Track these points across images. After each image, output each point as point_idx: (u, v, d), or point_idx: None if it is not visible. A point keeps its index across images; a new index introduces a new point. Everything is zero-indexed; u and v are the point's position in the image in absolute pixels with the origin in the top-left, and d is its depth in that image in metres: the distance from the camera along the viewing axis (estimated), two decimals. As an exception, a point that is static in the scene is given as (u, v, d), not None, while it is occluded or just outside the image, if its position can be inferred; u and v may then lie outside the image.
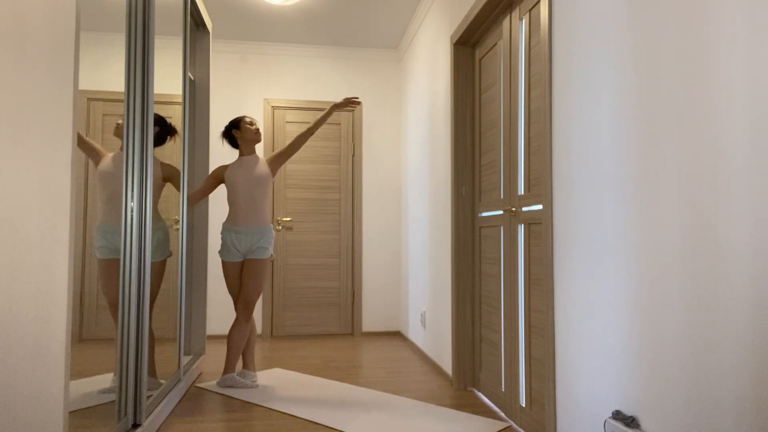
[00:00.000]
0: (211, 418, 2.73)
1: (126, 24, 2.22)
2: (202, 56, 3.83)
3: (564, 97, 2.08)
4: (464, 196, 3.29)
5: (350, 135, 5.16)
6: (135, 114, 2.24)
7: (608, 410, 1.77)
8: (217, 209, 4.84)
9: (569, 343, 2.02)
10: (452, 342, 3.30)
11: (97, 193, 1.96)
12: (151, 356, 2.55)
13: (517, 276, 2.62)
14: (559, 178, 2.11)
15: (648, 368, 1.57)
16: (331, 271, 5.08)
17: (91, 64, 1.88)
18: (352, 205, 5.13)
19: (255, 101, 5.01)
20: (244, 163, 3.30)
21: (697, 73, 1.39)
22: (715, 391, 1.32)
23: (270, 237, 3.29)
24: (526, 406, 2.52)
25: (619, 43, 1.73)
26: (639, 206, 1.61)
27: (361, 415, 2.74)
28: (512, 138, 2.70)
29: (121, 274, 2.17)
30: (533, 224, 2.47)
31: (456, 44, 3.32)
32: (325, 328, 5.04)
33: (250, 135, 3.31)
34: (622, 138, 1.70)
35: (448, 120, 3.47)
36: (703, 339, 1.36)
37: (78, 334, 1.81)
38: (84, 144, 1.82)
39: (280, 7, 4.22)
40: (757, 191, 1.21)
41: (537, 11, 2.45)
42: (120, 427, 2.14)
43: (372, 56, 5.17)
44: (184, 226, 3.13)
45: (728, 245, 1.29)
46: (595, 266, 1.85)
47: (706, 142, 1.35)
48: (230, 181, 3.27)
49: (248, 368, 3.38)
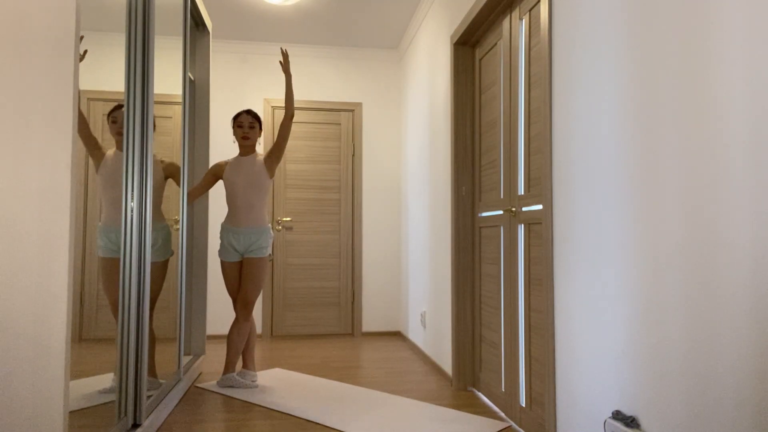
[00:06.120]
0: (211, 418, 2.73)
1: (126, 24, 2.22)
2: (202, 56, 3.82)
3: (564, 97, 2.08)
4: (464, 196, 3.29)
5: (350, 135, 5.16)
6: (135, 114, 2.24)
7: (608, 410, 1.77)
8: (217, 209, 4.84)
9: (569, 343, 2.02)
10: (452, 342, 3.30)
11: (100, 193, 1.96)
12: (152, 356, 2.55)
13: (517, 276, 2.62)
14: (559, 178, 2.11)
15: (648, 368, 1.57)
16: (331, 271, 5.08)
17: (91, 64, 1.88)
18: (352, 205, 5.13)
19: (255, 101, 5.00)
20: (242, 164, 3.29)
21: (697, 73, 1.39)
22: (715, 390, 1.32)
23: (268, 237, 3.29)
24: (526, 406, 2.52)
25: (619, 43, 1.73)
26: (639, 206, 1.61)
27: (361, 415, 2.74)
28: (512, 138, 2.70)
29: (121, 274, 2.17)
30: (533, 224, 2.47)
31: (456, 44, 3.32)
32: (325, 328, 5.04)
33: (237, 137, 3.31)
34: (622, 138, 1.70)
35: (448, 120, 3.47)
36: (703, 339, 1.36)
37: (78, 334, 1.81)
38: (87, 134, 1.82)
39: (280, 7, 4.22)
40: (757, 191, 1.21)
41: (537, 11, 2.45)
42: (120, 427, 2.14)
43: (372, 56, 5.17)
44: (184, 226, 3.13)
45: (728, 245, 1.29)
46: (595, 266, 1.85)
47: (706, 142, 1.35)
48: (228, 183, 3.27)
49: (248, 368, 3.38)
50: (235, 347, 3.26)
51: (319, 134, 5.11)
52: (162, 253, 2.69)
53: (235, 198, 3.26)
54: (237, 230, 3.25)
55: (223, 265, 3.30)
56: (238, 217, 3.26)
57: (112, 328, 2.10)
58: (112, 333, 2.11)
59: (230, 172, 3.28)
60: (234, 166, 3.30)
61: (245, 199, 3.25)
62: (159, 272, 2.65)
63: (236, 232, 3.25)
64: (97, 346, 1.99)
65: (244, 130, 3.29)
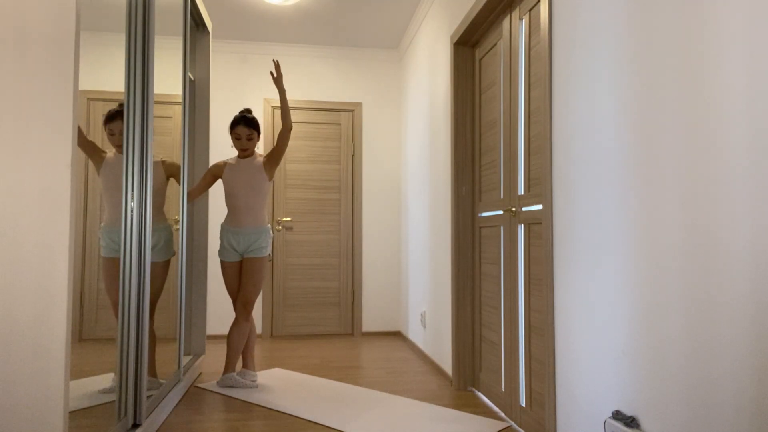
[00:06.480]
0: (211, 418, 2.73)
1: (126, 24, 2.22)
2: (202, 56, 3.82)
3: (564, 97, 2.08)
4: (464, 196, 3.29)
5: (350, 135, 5.16)
6: (135, 114, 2.24)
7: (608, 410, 1.77)
8: (217, 209, 4.84)
9: (569, 343, 2.02)
10: (452, 342, 3.30)
11: (102, 194, 1.97)
12: (152, 356, 2.55)
13: (517, 276, 2.62)
14: (559, 178, 2.11)
15: (648, 368, 1.57)
16: (331, 271, 5.08)
17: (91, 64, 1.88)
18: (352, 205, 5.13)
19: (255, 101, 5.00)
20: (241, 166, 3.29)
21: (697, 74, 1.39)
22: (715, 390, 1.33)
23: (267, 237, 3.29)
24: (526, 406, 2.52)
25: (619, 43, 1.73)
26: (639, 206, 1.61)
27: (361, 415, 2.74)
28: (512, 138, 2.70)
29: (121, 274, 2.17)
30: (533, 224, 2.47)
31: (456, 44, 3.32)
32: (325, 328, 5.04)
33: (236, 148, 3.32)
34: (622, 138, 1.70)
35: (448, 120, 3.47)
36: (703, 339, 1.36)
37: (78, 334, 1.81)
38: (84, 142, 1.82)
39: (280, 7, 4.22)
40: (757, 191, 1.21)
41: (537, 11, 2.45)
42: (120, 427, 2.14)
43: (372, 56, 5.17)
44: (184, 226, 3.13)
45: (728, 245, 1.29)
46: (595, 266, 1.85)
47: (706, 142, 1.35)
48: (227, 184, 3.27)
49: (248, 368, 3.38)
50: (235, 347, 3.26)
51: (319, 134, 5.11)
52: (164, 253, 2.69)
53: (235, 199, 3.27)
54: (236, 230, 3.25)
55: (223, 265, 3.30)
56: (237, 217, 3.26)
57: (112, 328, 2.10)
58: (112, 333, 2.11)
59: (229, 173, 3.29)
60: (233, 167, 3.30)
61: (244, 200, 3.26)
62: (160, 272, 2.65)
63: (236, 233, 3.25)
64: (97, 346, 1.99)
65: (243, 143, 3.29)
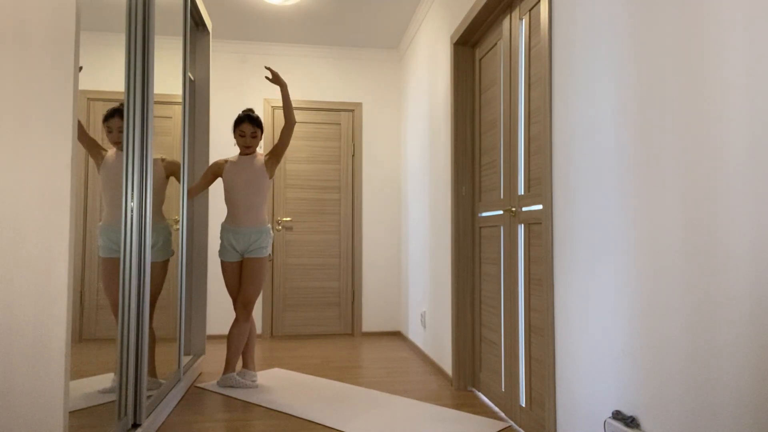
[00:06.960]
0: (211, 418, 2.73)
1: (126, 24, 2.22)
2: (202, 56, 3.82)
3: (564, 97, 2.08)
4: (464, 196, 3.29)
5: (350, 135, 5.16)
6: (135, 114, 2.24)
7: (608, 410, 1.77)
8: (217, 209, 4.84)
9: (569, 343, 2.02)
10: (452, 342, 3.30)
11: (101, 193, 1.96)
12: (152, 356, 2.55)
13: (517, 276, 2.62)
14: (559, 178, 2.11)
15: (648, 368, 1.57)
16: (331, 271, 5.08)
17: (92, 64, 1.88)
18: (352, 205, 5.13)
19: (255, 101, 5.00)
20: (242, 164, 3.29)
21: (697, 74, 1.39)
22: (715, 391, 1.33)
23: (267, 237, 3.29)
24: (526, 406, 2.52)
25: (619, 42, 1.73)
26: (639, 206, 1.61)
27: (361, 415, 2.74)
28: (512, 138, 2.70)
29: (121, 274, 2.17)
30: (533, 224, 2.47)
31: (456, 44, 3.32)
32: (325, 328, 5.04)
33: (239, 145, 3.33)
34: (622, 138, 1.70)
35: (448, 120, 3.47)
36: (703, 339, 1.36)
37: (78, 334, 1.81)
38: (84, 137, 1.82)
39: (280, 7, 4.22)
40: (757, 191, 1.21)
41: (537, 11, 2.45)
42: (120, 427, 2.14)
43: (372, 56, 5.17)
44: (184, 226, 3.13)
45: (728, 245, 1.29)
46: (595, 266, 1.85)
47: (706, 142, 1.35)
48: (228, 182, 3.27)
49: (248, 368, 3.38)
50: (235, 347, 3.26)
51: (319, 134, 5.11)
52: (163, 253, 2.69)
53: (235, 198, 3.26)
54: (237, 230, 3.25)
55: (223, 265, 3.30)
56: (237, 216, 3.26)
57: (112, 328, 2.10)
58: (112, 333, 2.11)
59: (230, 172, 3.28)
60: (234, 165, 3.30)
61: (245, 199, 3.26)
62: (159, 272, 2.65)
63: (236, 232, 3.25)
64: (97, 346, 1.99)
65: (247, 140, 3.30)
